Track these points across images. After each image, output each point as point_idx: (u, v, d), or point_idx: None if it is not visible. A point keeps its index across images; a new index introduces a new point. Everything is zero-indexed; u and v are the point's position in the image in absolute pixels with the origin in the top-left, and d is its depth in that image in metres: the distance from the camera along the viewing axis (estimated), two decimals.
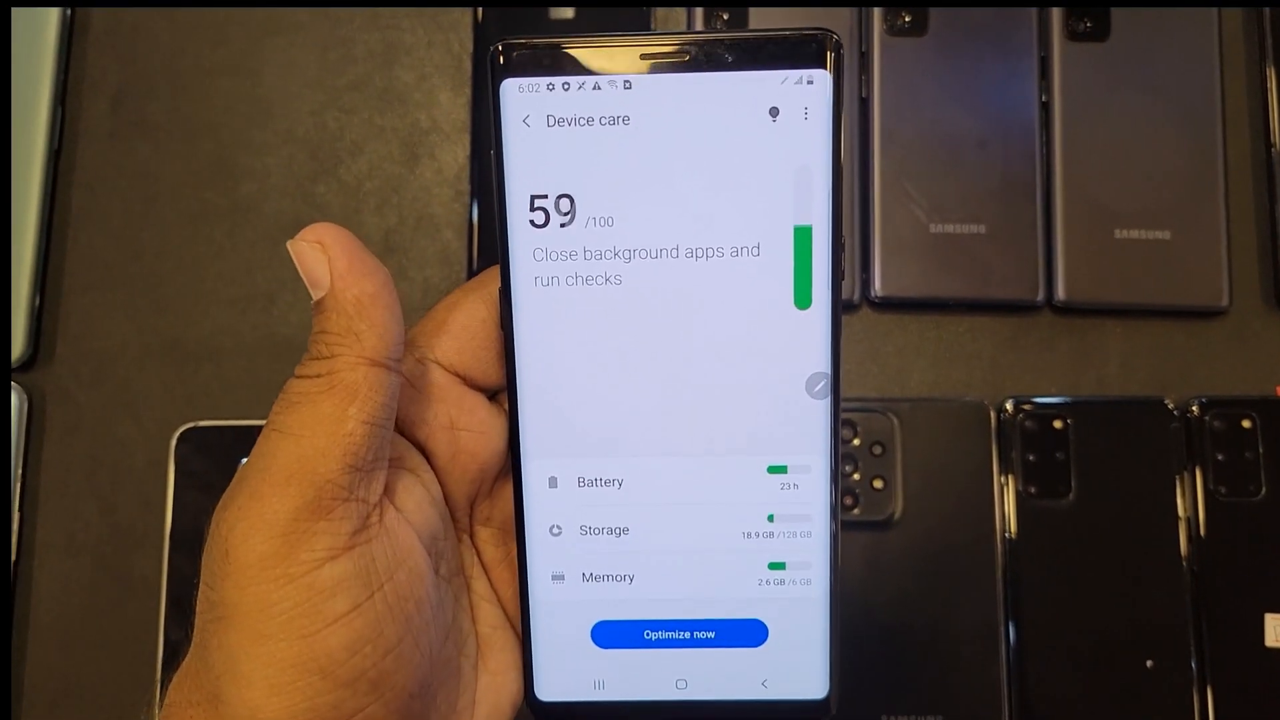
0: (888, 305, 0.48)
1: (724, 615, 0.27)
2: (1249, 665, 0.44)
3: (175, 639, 0.45)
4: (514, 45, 0.24)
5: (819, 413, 0.26)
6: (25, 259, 0.47)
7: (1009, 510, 0.45)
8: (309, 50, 0.50)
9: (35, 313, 0.47)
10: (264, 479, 0.22)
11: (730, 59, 0.24)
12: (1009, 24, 0.49)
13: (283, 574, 0.22)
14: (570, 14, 0.49)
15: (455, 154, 0.50)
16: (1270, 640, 0.44)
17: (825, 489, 0.26)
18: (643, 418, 0.26)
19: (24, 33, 0.48)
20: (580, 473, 0.26)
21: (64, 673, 0.46)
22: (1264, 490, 0.45)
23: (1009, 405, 0.46)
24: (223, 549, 0.22)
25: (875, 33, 0.48)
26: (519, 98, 0.24)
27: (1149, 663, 0.44)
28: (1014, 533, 0.45)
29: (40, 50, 0.48)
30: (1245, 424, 0.46)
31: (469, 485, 0.26)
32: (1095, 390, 0.48)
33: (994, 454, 0.46)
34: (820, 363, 0.25)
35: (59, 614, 0.46)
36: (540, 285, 0.25)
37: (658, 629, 0.27)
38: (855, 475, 0.46)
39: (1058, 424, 0.46)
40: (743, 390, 0.25)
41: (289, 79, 0.50)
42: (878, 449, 0.46)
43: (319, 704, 0.22)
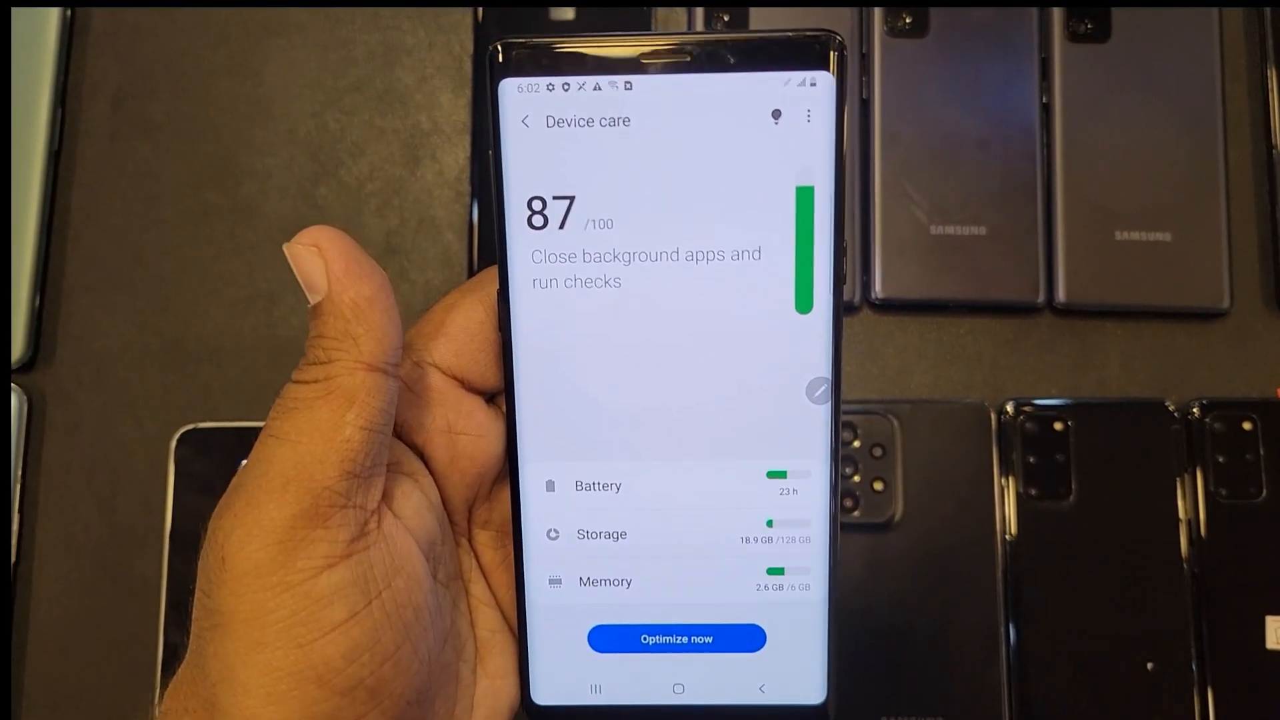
0: (888, 306, 0.48)
1: (722, 620, 0.27)
2: (1250, 667, 0.44)
3: (175, 640, 0.45)
4: (513, 44, 0.24)
5: (819, 418, 0.25)
6: (25, 259, 0.47)
7: (1009, 512, 0.45)
8: (309, 51, 0.50)
9: (35, 313, 0.47)
10: (261, 486, 0.22)
11: (732, 60, 0.24)
12: (1010, 25, 0.49)
13: (280, 582, 0.22)
14: (571, 15, 0.49)
15: (456, 155, 0.49)
16: (1271, 642, 0.44)
17: (825, 494, 0.26)
18: (641, 422, 0.25)
19: (24, 33, 0.48)
20: (578, 476, 0.26)
21: (64, 674, 0.46)
22: (1265, 492, 0.45)
23: (1009, 407, 0.46)
24: (219, 556, 0.22)
25: (876, 34, 0.48)
26: (518, 98, 0.24)
27: (1149, 665, 0.44)
28: (1014, 534, 0.45)
29: (40, 50, 0.48)
30: (1246, 426, 0.46)
31: (467, 489, 0.26)
32: (1096, 392, 0.48)
33: (994, 456, 0.46)
34: (821, 367, 0.25)
35: (59, 615, 0.46)
36: (539, 287, 0.25)
37: (655, 633, 0.27)
38: (855, 477, 0.46)
39: (1058, 426, 0.46)
40: (742, 394, 0.25)
41: (289, 79, 0.50)
42: (878, 451, 0.46)
43: (316, 712, 0.22)
